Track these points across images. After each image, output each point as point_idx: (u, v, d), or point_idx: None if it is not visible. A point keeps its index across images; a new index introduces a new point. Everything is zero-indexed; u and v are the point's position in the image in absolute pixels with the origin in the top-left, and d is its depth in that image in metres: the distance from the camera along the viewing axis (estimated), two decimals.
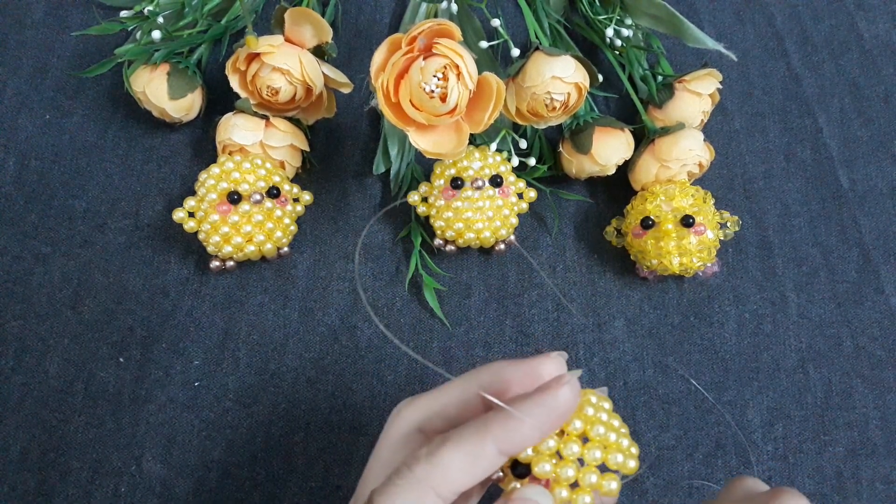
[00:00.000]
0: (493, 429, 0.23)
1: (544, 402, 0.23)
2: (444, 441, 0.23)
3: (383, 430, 0.26)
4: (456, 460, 0.23)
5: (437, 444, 0.23)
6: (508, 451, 0.23)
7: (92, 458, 0.38)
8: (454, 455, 0.23)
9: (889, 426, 0.40)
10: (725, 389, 0.41)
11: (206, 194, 0.40)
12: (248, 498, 0.38)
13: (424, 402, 0.26)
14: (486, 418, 0.24)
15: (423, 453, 0.23)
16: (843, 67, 0.51)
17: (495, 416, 0.24)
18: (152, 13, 0.45)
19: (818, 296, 0.43)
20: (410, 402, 0.26)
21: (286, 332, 0.42)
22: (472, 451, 0.23)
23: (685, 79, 0.44)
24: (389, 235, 0.45)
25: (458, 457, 0.23)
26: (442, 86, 0.35)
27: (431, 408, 0.26)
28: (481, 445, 0.23)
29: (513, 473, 0.24)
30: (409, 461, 0.23)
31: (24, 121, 0.47)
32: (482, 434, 0.23)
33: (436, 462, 0.23)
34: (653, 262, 0.41)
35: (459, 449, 0.23)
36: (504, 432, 0.23)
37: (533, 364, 0.25)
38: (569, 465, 0.24)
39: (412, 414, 0.26)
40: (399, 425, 0.26)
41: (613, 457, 0.24)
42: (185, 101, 0.44)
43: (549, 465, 0.24)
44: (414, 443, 0.26)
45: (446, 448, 0.23)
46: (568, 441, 0.24)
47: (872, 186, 0.47)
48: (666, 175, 0.42)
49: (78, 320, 0.42)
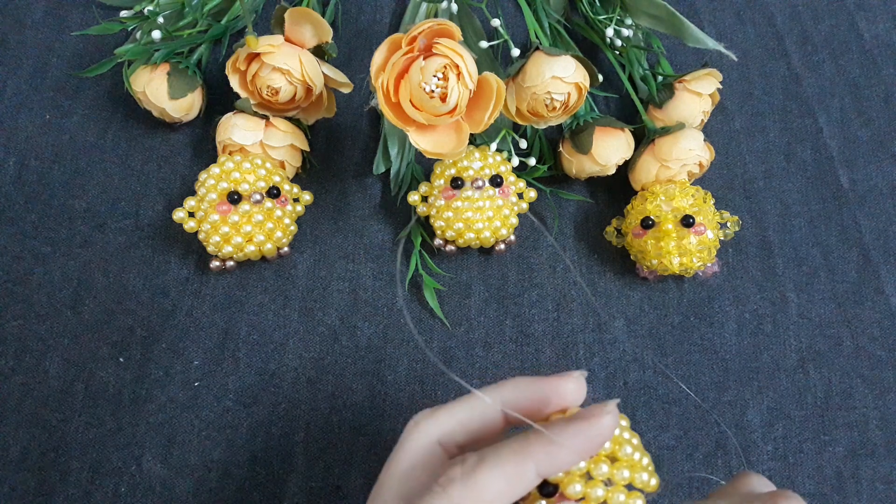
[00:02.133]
0: (535, 452, 0.23)
1: (588, 429, 0.23)
2: (480, 462, 0.23)
3: (399, 441, 0.25)
4: (494, 482, 0.22)
5: (472, 465, 0.23)
6: (547, 473, 0.23)
7: (92, 458, 0.38)
8: (492, 477, 0.23)
9: (889, 426, 0.40)
10: (725, 389, 0.41)
11: (207, 194, 0.40)
12: (248, 498, 0.38)
13: (445, 416, 0.25)
14: (526, 440, 0.23)
15: (457, 474, 0.23)
16: (844, 67, 0.51)
17: (536, 439, 0.23)
18: (152, 13, 0.45)
19: (818, 296, 0.43)
20: (431, 415, 0.26)
21: (286, 332, 0.42)
22: (512, 473, 0.23)
23: (685, 79, 0.44)
24: (389, 235, 0.45)
25: (496, 479, 0.23)
26: (442, 86, 0.35)
27: (452, 421, 0.25)
28: (522, 468, 0.23)
29: (541, 493, 0.24)
30: (444, 483, 0.23)
31: (24, 121, 0.47)
32: (523, 456, 0.23)
33: (472, 484, 0.22)
34: (653, 262, 0.41)
35: (498, 470, 0.23)
36: (546, 456, 0.23)
37: (555, 383, 0.25)
38: (598, 485, 0.24)
39: (432, 427, 0.25)
40: (418, 438, 0.25)
41: (639, 476, 0.25)
42: (185, 100, 0.44)
43: (580, 485, 0.24)
44: (433, 456, 0.25)
45: (484, 469, 0.23)
46: (598, 461, 0.24)
47: (872, 186, 0.47)
48: (666, 175, 0.42)
49: (78, 320, 0.42)
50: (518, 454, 0.23)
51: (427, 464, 0.25)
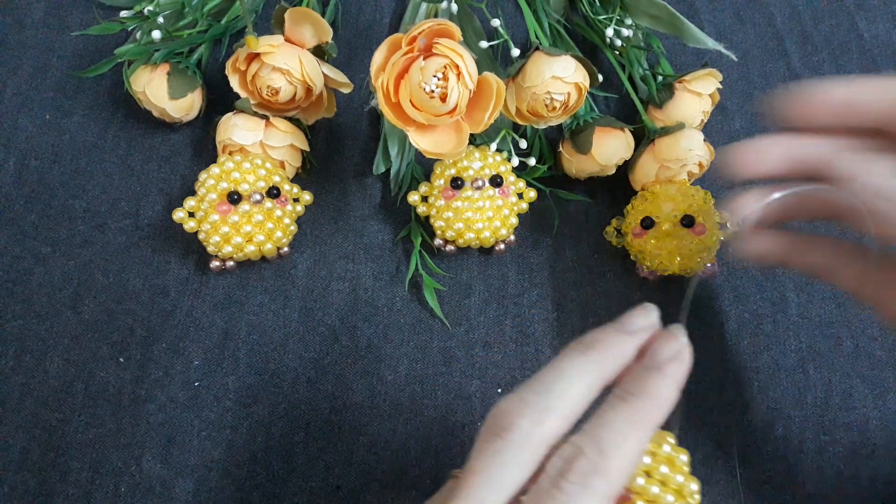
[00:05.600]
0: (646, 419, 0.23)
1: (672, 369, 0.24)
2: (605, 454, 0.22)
3: (501, 449, 0.23)
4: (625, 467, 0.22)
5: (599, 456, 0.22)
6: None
7: (92, 458, 0.38)
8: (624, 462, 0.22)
9: (889, 426, 0.40)
10: (725, 389, 0.41)
11: (206, 194, 0.40)
12: (248, 498, 0.38)
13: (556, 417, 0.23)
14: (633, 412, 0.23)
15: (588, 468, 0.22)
16: (843, 67, 0.51)
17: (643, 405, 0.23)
18: (152, 13, 0.45)
19: (818, 296, 0.43)
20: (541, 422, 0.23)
21: (286, 332, 0.42)
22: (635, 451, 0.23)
23: (685, 79, 0.44)
24: (389, 235, 0.45)
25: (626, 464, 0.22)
26: (442, 86, 0.35)
27: (563, 421, 0.23)
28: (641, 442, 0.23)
29: None
30: (580, 479, 0.22)
31: (23, 121, 0.47)
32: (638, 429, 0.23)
33: (609, 475, 0.22)
34: (653, 262, 0.41)
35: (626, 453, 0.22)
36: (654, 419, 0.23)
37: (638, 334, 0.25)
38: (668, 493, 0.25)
39: (548, 433, 0.23)
40: (533, 450, 0.23)
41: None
42: (185, 100, 0.44)
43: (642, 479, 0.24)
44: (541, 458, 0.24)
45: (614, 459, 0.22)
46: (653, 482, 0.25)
47: None
48: (666, 175, 0.42)
49: (78, 320, 0.42)
50: (635, 429, 0.23)
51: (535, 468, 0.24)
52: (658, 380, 0.24)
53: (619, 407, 0.23)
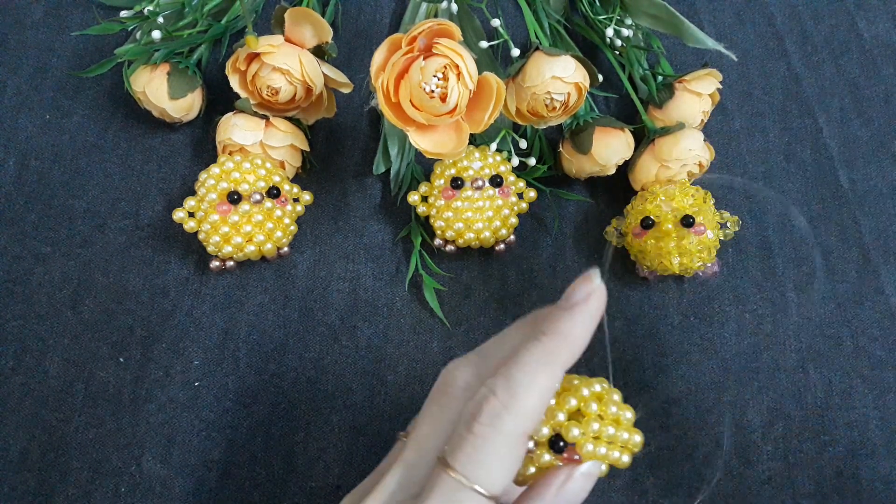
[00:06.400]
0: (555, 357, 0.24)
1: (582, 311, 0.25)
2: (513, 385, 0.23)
3: (444, 402, 0.25)
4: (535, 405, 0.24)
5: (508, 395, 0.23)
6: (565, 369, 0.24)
7: (92, 458, 0.38)
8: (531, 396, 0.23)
9: (889, 426, 0.40)
10: (725, 389, 0.41)
11: (206, 194, 0.40)
12: (248, 498, 0.38)
13: (483, 364, 0.26)
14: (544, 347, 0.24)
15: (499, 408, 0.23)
16: (843, 67, 0.51)
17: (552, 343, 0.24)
18: (152, 13, 0.45)
19: (818, 296, 0.43)
20: (469, 364, 0.26)
21: (286, 332, 0.42)
22: (545, 389, 0.24)
23: (685, 79, 0.44)
24: (389, 235, 0.45)
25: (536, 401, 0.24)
26: (442, 86, 0.35)
27: (490, 368, 0.25)
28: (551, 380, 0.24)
29: (553, 449, 0.25)
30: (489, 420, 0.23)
31: (24, 121, 0.47)
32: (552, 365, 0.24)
33: (516, 411, 0.23)
34: (653, 262, 0.41)
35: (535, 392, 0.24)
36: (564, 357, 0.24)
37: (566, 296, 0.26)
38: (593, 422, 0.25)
39: (475, 378, 0.25)
40: (462, 389, 0.25)
41: (620, 434, 0.26)
42: (185, 100, 0.44)
43: (577, 430, 0.25)
44: None
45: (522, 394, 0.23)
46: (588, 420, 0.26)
47: (872, 186, 0.47)
48: (666, 175, 0.42)
49: (78, 320, 0.42)
50: (544, 364, 0.24)
51: None
52: (568, 320, 0.25)
53: (530, 347, 0.24)
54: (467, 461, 0.23)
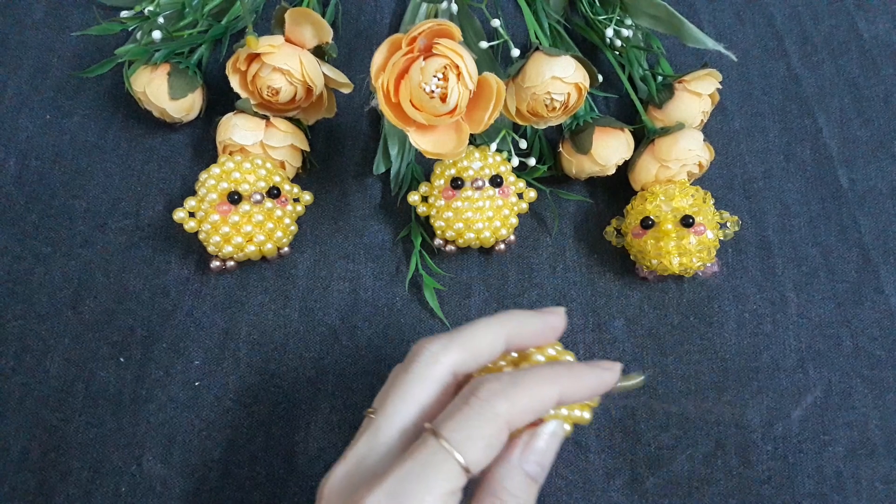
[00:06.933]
0: (562, 381, 0.26)
1: (602, 374, 0.28)
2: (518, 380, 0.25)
3: (411, 369, 0.27)
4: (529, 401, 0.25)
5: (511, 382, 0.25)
6: (563, 402, 0.26)
7: (92, 457, 0.38)
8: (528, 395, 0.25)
9: (889, 426, 0.40)
10: (725, 389, 0.41)
11: (207, 194, 0.40)
12: (248, 498, 0.38)
13: (458, 349, 0.27)
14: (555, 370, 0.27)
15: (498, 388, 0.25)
16: (843, 67, 0.51)
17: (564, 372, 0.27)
18: (153, 13, 0.45)
19: (818, 296, 0.43)
20: (446, 348, 0.27)
21: (286, 332, 0.42)
22: (543, 394, 0.26)
23: (685, 79, 0.44)
24: (389, 235, 0.45)
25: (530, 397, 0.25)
26: (442, 86, 0.35)
27: (465, 354, 0.27)
28: (551, 392, 0.26)
29: None
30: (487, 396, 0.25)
31: (24, 121, 0.47)
32: (553, 383, 0.26)
33: (514, 399, 0.25)
34: (653, 262, 0.41)
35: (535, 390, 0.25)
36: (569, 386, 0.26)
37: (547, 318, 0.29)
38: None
39: (449, 359, 0.27)
40: (437, 369, 0.27)
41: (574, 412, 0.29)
42: (185, 101, 0.44)
43: None
44: (448, 386, 0.27)
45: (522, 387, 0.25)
46: None
47: (872, 186, 0.47)
48: (666, 175, 0.42)
49: (78, 320, 0.42)
50: (550, 381, 0.26)
51: (443, 393, 0.27)
52: (589, 371, 0.28)
53: (553, 365, 0.28)
54: (455, 430, 0.24)
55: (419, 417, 0.26)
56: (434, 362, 0.27)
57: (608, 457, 0.39)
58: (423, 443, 0.24)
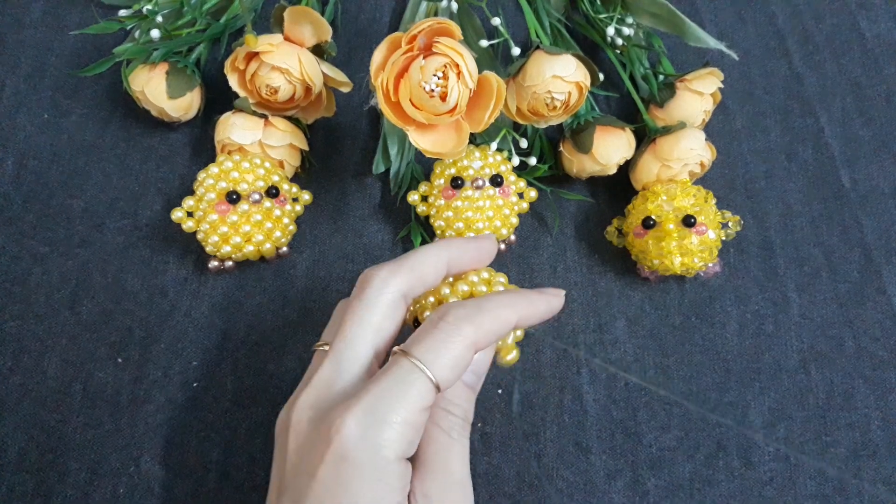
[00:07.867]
0: (520, 306, 0.29)
1: (552, 300, 0.30)
2: (482, 306, 0.27)
3: (363, 296, 0.28)
4: (492, 324, 0.27)
5: (476, 308, 0.27)
6: (520, 325, 0.29)
7: (90, 458, 0.38)
8: (491, 319, 0.27)
9: (891, 427, 0.40)
10: (727, 390, 0.41)
11: (205, 194, 0.40)
12: (246, 499, 0.38)
13: (407, 273, 0.29)
14: (511, 297, 0.29)
15: (463, 315, 0.27)
16: (845, 67, 0.51)
17: (520, 298, 0.29)
18: (151, 12, 0.45)
19: (820, 296, 0.43)
20: (394, 273, 0.29)
21: (285, 332, 0.42)
22: (504, 318, 0.28)
23: (686, 78, 0.43)
24: (389, 235, 0.45)
25: (493, 321, 0.27)
26: (442, 85, 0.35)
27: (413, 278, 0.29)
28: (511, 317, 0.28)
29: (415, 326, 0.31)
30: (454, 321, 0.27)
31: (22, 120, 0.47)
32: (513, 308, 0.28)
33: (479, 323, 0.27)
34: (654, 262, 0.41)
35: (496, 314, 0.28)
36: (525, 311, 0.29)
37: (481, 243, 0.32)
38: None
39: (399, 283, 0.29)
40: (388, 293, 0.28)
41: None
42: (183, 100, 0.44)
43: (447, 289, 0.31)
44: (399, 310, 0.29)
45: (486, 312, 0.27)
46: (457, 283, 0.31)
47: (874, 186, 0.46)
48: (667, 175, 0.42)
49: (76, 321, 0.41)
50: (509, 306, 0.28)
51: (395, 317, 0.29)
52: (539, 296, 0.30)
53: (510, 293, 0.30)
54: (426, 350, 0.26)
55: (377, 341, 0.28)
56: (385, 286, 0.28)
57: (609, 458, 0.39)
58: (395, 363, 0.26)
